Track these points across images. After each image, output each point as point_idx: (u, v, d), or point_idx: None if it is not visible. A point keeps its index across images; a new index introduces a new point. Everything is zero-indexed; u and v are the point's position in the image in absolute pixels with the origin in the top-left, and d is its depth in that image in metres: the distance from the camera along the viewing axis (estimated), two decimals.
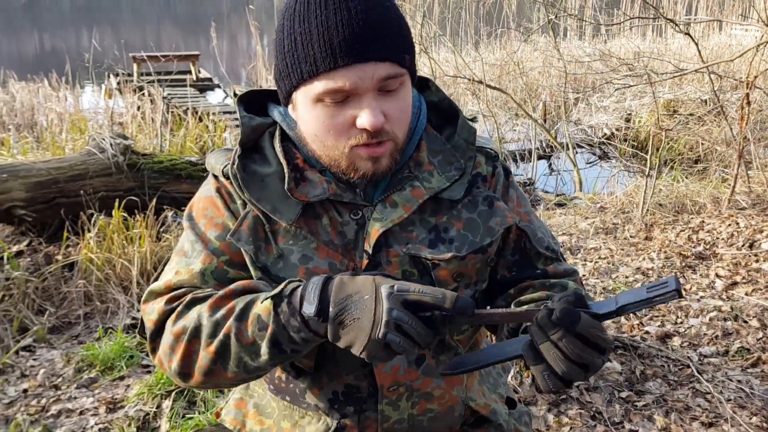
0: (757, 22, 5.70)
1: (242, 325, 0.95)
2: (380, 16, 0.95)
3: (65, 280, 3.54)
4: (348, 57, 0.93)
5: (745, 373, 2.80)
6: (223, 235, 1.08)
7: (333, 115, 0.98)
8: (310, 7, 0.95)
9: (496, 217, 1.13)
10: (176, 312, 1.02)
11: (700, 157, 6.78)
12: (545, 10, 6.98)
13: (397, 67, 0.97)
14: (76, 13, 37.02)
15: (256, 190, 1.06)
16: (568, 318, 0.84)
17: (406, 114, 1.04)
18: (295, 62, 0.97)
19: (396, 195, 1.08)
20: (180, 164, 4.47)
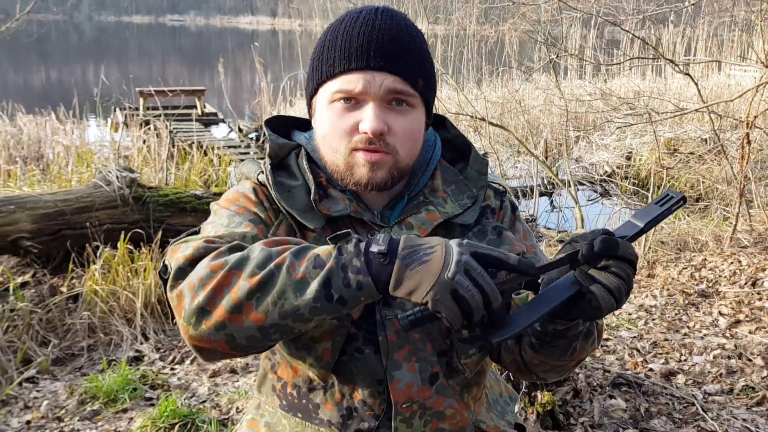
0: (756, 63, 5.79)
1: (297, 260, 0.89)
2: (402, 36, 1.04)
3: (69, 311, 3.54)
4: (361, 61, 1.02)
5: (750, 411, 2.78)
6: (257, 221, 1.07)
7: (341, 117, 1.05)
8: (343, 20, 1.07)
9: (504, 245, 1.17)
10: (217, 251, 0.94)
11: (701, 196, 6.82)
12: (546, 50, 7.11)
13: (407, 85, 1.04)
14: (84, 48, 37.59)
15: (285, 197, 1.11)
16: (609, 246, 0.92)
17: (412, 135, 1.08)
18: (319, 64, 1.08)
19: (412, 218, 1.13)
20: (185, 197, 4.51)
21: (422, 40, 1.09)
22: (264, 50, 20.46)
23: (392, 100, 1.04)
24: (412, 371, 1.11)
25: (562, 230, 6.30)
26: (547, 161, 8.10)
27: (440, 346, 1.14)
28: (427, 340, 1.12)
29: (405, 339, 1.10)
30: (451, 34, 13.97)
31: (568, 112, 7.32)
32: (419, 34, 1.09)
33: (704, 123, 7.88)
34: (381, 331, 1.09)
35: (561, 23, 8.16)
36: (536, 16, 7.74)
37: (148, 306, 3.56)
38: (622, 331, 3.53)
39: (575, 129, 8.64)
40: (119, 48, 38.16)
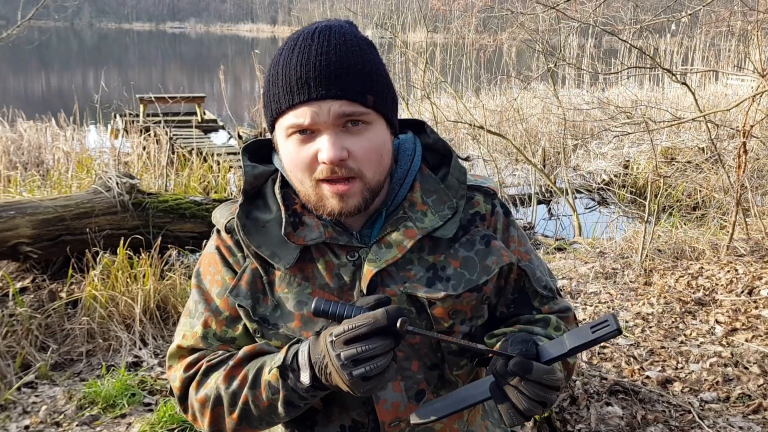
0: (753, 73, 5.83)
1: (256, 392, 1.06)
2: (341, 57, 1.01)
3: (68, 317, 3.55)
4: (303, 94, 1.00)
5: (747, 419, 2.79)
6: (222, 292, 1.16)
7: (299, 150, 1.04)
8: (282, 52, 1.04)
9: (492, 255, 1.16)
10: (195, 381, 1.13)
11: (698, 204, 6.85)
12: (544, 59, 7.15)
13: (356, 105, 1.01)
14: (84, 55, 37.67)
15: (257, 236, 1.11)
16: (522, 370, 0.96)
17: (375, 153, 1.05)
18: (268, 101, 1.06)
19: (390, 236, 1.11)
20: (184, 204, 4.53)
21: (367, 51, 1.05)
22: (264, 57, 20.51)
23: (346, 122, 1.02)
24: (398, 390, 1.12)
25: (559, 238, 6.32)
26: (545, 169, 8.14)
27: (431, 360, 1.15)
28: (414, 358, 1.13)
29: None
30: (449, 43, 14.03)
31: (566, 121, 7.36)
32: (363, 46, 1.05)
33: (701, 132, 7.92)
34: None
35: (559, 32, 8.21)
36: (534, 25, 7.79)
37: (147, 312, 3.57)
38: (619, 339, 3.55)
39: (573, 137, 8.68)
40: (120, 55, 38.23)
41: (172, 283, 3.75)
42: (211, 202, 4.67)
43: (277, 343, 1.11)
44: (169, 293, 3.69)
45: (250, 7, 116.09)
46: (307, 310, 1.09)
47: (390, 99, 1.08)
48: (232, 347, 1.16)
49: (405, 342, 1.11)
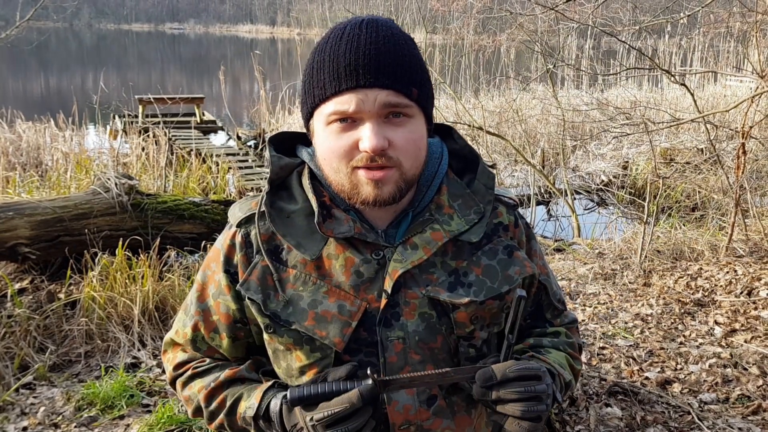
0: (752, 74, 5.84)
1: (233, 418, 1.15)
2: (390, 48, 1.01)
3: (67, 318, 3.54)
4: (351, 81, 1.00)
5: (746, 420, 2.79)
6: (217, 294, 1.18)
7: (340, 137, 1.03)
8: (329, 40, 1.04)
9: (515, 266, 1.16)
10: (181, 381, 1.23)
11: (697, 205, 6.85)
12: (543, 60, 7.16)
13: (401, 96, 1.01)
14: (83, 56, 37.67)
15: (281, 225, 1.11)
16: (484, 378, 1.00)
17: (414, 146, 1.05)
18: (311, 88, 1.05)
19: (416, 237, 1.10)
20: (183, 204, 4.53)
21: (412, 46, 1.06)
22: (263, 58, 20.52)
23: (389, 113, 1.02)
24: (410, 393, 1.12)
25: (558, 239, 6.32)
26: (544, 170, 8.14)
27: (448, 365, 1.14)
28: (430, 362, 1.13)
29: (405, 360, 1.10)
30: (449, 44, 14.04)
31: (565, 122, 7.36)
32: (408, 41, 1.06)
33: (700, 133, 7.93)
34: (383, 353, 1.09)
35: (558, 34, 8.21)
36: (533, 26, 7.79)
37: (145, 313, 3.56)
38: (619, 340, 3.55)
39: (572, 138, 8.68)
40: (119, 56, 38.24)
41: (170, 284, 3.74)
42: (209, 203, 4.67)
43: (288, 341, 1.11)
44: (167, 294, 3.68)
45: (249, 8, 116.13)
46: (322, 309, 1.09)
47: (430, 96, 1.09)
48: (217, 354, 1.22)
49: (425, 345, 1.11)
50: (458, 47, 14.05)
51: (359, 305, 1.09)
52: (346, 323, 1.08)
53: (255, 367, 1.22)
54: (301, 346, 1.11)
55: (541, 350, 1.21)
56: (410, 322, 1.10)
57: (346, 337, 1.08)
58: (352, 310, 1.09)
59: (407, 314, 1.10)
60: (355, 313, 1.08)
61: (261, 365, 1.22)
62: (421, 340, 1.11)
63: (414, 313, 1.10)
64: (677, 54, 13.82)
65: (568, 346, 1.25)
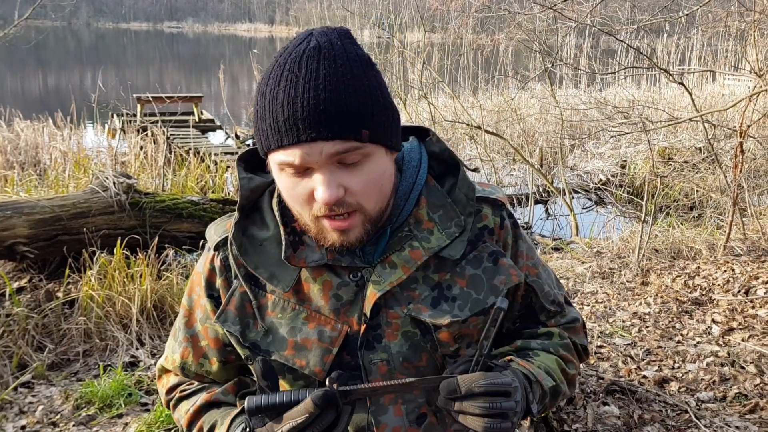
0: (749, 73, 5.85)
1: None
2: (331, 91, 0.91)
3: (65, 317, 3.54)
4: (291, 137, 0.92)
5: (743, 419, 2.80)
6: (204, 319, 1.17)
7: (294, 186, 0.97)
8: (269, 81, 0.95)
9: (500, 275, 1.11)
10: (172, 404, 1.24)
11: (695, 204, 6.86)
12: (542, 59, 7.16)
13: (350, 143, 0.93)
14: (82, 54, 37.62)
15: (254, 255, 1.07)
16: (447, 390, 0.94)
17: (374, 186, 0.99)
18: (257, 133, 0.98)
19: (395, 256, 1.06)
20: (181, 203, 4.53)
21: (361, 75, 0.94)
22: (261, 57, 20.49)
23: (339, 160, 0.94)
24: (399, 414, 1.09)
25: (556, 238, 6.33)
26: (542, 169, 8.15)
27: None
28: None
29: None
30: (447, 42, 14.04)
31: (563, 121, 7.37)
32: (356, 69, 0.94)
33: (698, 132, 7.94)
34: (367, 376, 1.07)
35: (556, 33, 8.22)
36: (532, 25, 7.80)
37: (143, 311, 3.56)
38: (616, 339, 3.56)
39: (570, 137, 8.69)
40: (117, 54, 38.20)
41: (169, 283, 3.75)
42: (208, 202, 4.67)
43: None
44: (166, 293, 3.68)
45: (247, 7, 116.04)
46: (301, 337, 1.06)
47: (389, 123, 0.99)
48: (207, 379, 1.21)
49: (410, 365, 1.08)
50: (456, 46, 14.06)
51: (340, 329, 1.06)
52: (326, 350, 1.06)
53: (236, 389, 1.19)
54: (284, 375, 1.10)
55: (528, 353, 1.15)
56: (393, 343, 1.07)
57: (326, 365, 1.06)
58: (333, 336, 1.06)
59: (389, 335, 1.07)
60: (336, 338, 1.06)
61: (244, 386, 1.21)
62: (405, 359, 1.08)
63: (397, 334, 1.07)
64: (675, 53, 13.83)
65: (562, 347, 1.19)
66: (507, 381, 0.96)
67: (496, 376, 0.95)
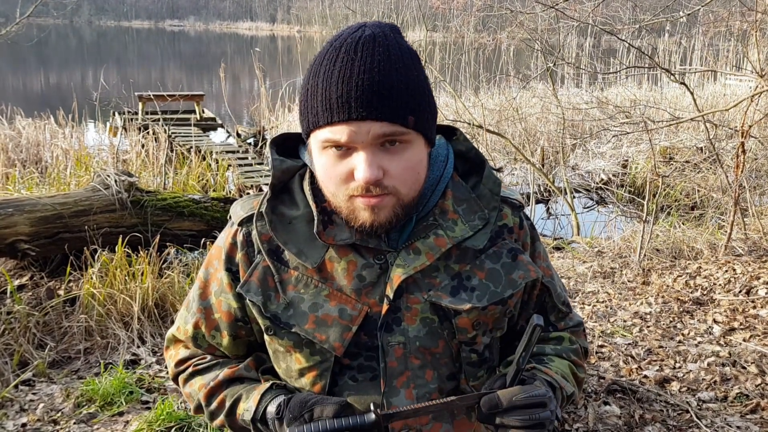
0: (751, 73, 5.84)
1: (233, 418, 1.16)
2: (384, 76, 0.96)
3: (66, 314, 3.55)
4: (342, 114, 0.96)
5: (744, 419, 2.80)
6: (219, 292, 1.18)
7: (335, 165, 1.01)
8: (324, 62, 1.00)
9: (519, 270, 1.15)
10: (183, 378, 1.24)
11: (696, 204, 6.86)
12: (543, 58, 7.16)
13: (396, 126, 0.98)
14: (83, 52, 37.63)
15: (283, 232, 1.10)
16: (489, 404, 1.00)
17: (412, 172, 1.03)
18: (306, 111, 1.02)
19: (420, 242, 1.09)
20: (183, 202, 4.53)
21: (411, 67, 1.01)
22: (263, 56, 20.49)
23: (384, 142, 0.99)
24: (409, 398, 1.11)
25: (557, 237, 6.32)
26: (543, 169, 8.14)
27: (449, 370, 1.15)
28: (429, 368, 1.13)
29: (405, 365, 1.11)
30: (449, 41, 14.04)
31: (564, 120, 7.36)
32: (407, 60, 1.01)
33: (700, 132, 7.93)
34: (383, 358, 1.10)
35: (558, 32, 8.21)
36: (534, 24, 7.79)
37: (145, 310, 3.57)
38: (617, 338, 3.55)
39: (572, 137, 8.68)
40: (119, 52, 38.21)
41: (170, 282, 3.75)
42: (209, 201, 4.67)
43: (288, 343, 1.11)
44: (167, 291, 3.69)
45: (249, 5, 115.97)
46: (322, 312, 1.09)
47: (430, 115, 1.05)
48: (218, 351, 1.22)
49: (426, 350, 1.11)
50: (458, 45, 14.05)
51: (360, 309, 1.09)
52: (346, 327, 1.08)
53: (255, 365, 1.21)
54: (301, 349, 1.11)
55: (543, 359, 1.19)
56: (411, 327, 1.10)
57: (345, 342, 1.08)
58: (353, 315, 1.08)
59: (408, 319, 1.10)
60: (356, 317, 1.08)
61: (261, 362, 1.22)
62: (422, 345, 1.11)
63: (415, 318, 1.10)
64: (677, 53, 13.82)
65: (572, 352, 1.23)
66: (542, 392, 1.02)
67: (533, 389, 1.01)
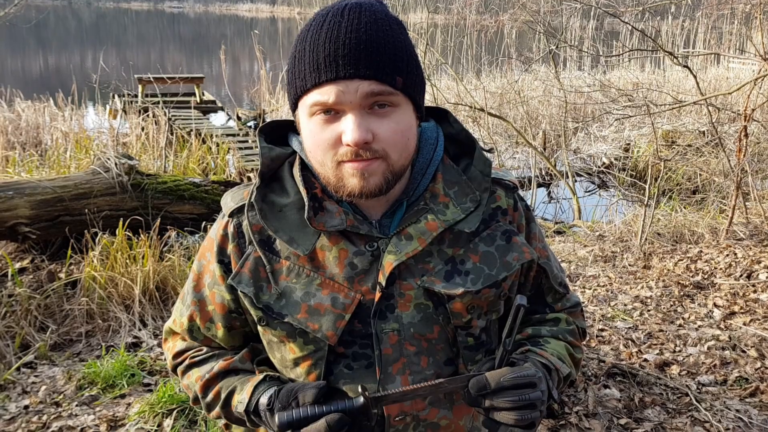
0: (755, 56, 5.79)
1: (228, 409, 1.17)
2: (372, 35, 0.97)
3: (68, 297, 3.55)
4: (330, 72, 0.96)
5: (744, 402, 2.81)
6: (212, 284, 1.17)
7: (322, 130, 1.00)
8: (310, 28, 1.00)
9: (513, 252, 1.14)
10: (180, 369, 1.24)
11: (698, 188, 6.84)
12: (546, 41, 7.11)
13: (384, 86, 0.97)
14: (82, 34, 37.42)
15: (274, 220, 1.09)
16: (478, 386, 0.99)
17: (401, 136, 1.01)
18: (293, 78, 1.02)
19: (411, 227, 1.08)
20: (183, 185, 4.52)
21: (398, 32, 1.01)
22: (263, 38, 20.38)
23: (372, 104, 0.98)
24: (405, 384, 1.10)
25: (559, 221, 6.31)
26: (545, 152, 8.11)
27: (446, 355, 1.14)
28: (425, 354, 1.12)
29: (400, 352, 1.10)
30: (450, 24, 13.93)
31: (566, 104, 7.33)
32: (394, 25, 1.01)
33: (702, 115, 7.89)
34: (378, 345, 1.09)
35: (561, 14, 8.15)
36: (536, 6, 7.72)
37: (146, 293, 3.57)
38: (618, 322, 3.56)
39: (574, 120, 8.65)
40: (118, 34, 37.97)
41: (171, 265, 3.75)
42: (210, 184, 4.66)
43: (282, 333, 1.10)
44: (168, 274, 3.69)
45: None
46: (315, 302, 1.08)
47: (419, 82, 1.04)
48: (214, 343, 1.22)
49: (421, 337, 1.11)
50: (460, 27, 13.95)
51: (353, 297, 1.08)
52: (339, 316, 1.07)
53: (251, 356, 1.21)
54: (294, 339, 1.10)
55: (539, 341, 1.19)
56: (405, 314, 1.09)
57: (339, 331, 1.07)
58: (346, 303, 1.08)
59: (402, 306, 1.09)
60: (349, 305, 1.07)
61: (257, 353, 1.22)
62: (416, 331, 1.10)
63: (409, 305, 1.09)
64: (680, 35, 13.72)
65: (569, 333, 1.23)
66: (531, 373, 1.01)
67: (521, 370, 1.01)
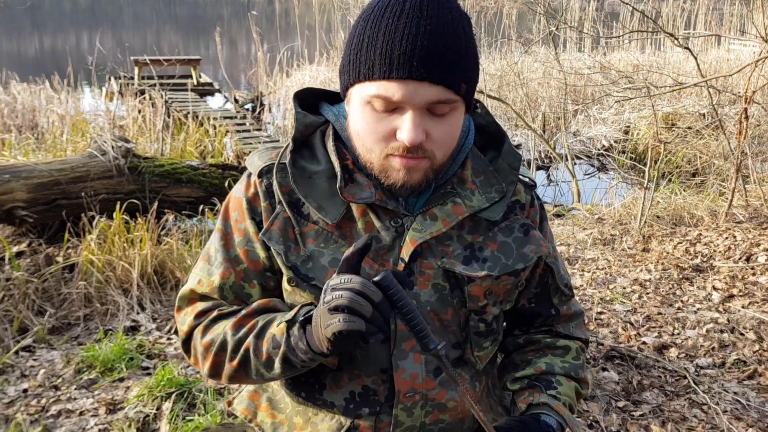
0: (756, 38, 5.75)
1: (260, 342, 1.06)
2: (447, 39, 0.96)
3: (65, 281, 3.54)
4: (403, 71, 0.95)
5: (742, 385, 2.82)
6: (243, 242, 1.14)
7: (378, 121, 1.00)
8: (385, 13, 0.97)
9: (530, 245, 1.16)
10: (203, 325, 1.13)
11: (697, 170, 6.82)
12: (546, 22, 7.04)
13: (450, 93, 0.98)
14: (78, 16, 37.11)
15: (304, 186, 1.10)
16: None
17: (451, 139, 1.04)
18: (357, 61, 1.00)
19: (437, 209, 1.10)
20: (181, 168, 4.50)
21: (469, 33, 1.01)
22: (260, 19, 20.19)
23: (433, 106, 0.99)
24: (418, 362, 1.12)
25: (558, 204, 6.30)
26: (544, 135, 8.08)
27: (456, 338, 1.15)
28: (438, 333, 1.13)
29: None
30: None
31: (566, 86, 7.28)
32: (467, 26, 1.01)
33: (703, 98, 7.85)
34: (394, 320, 1.09)
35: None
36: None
37: (144, 276, 3.56)
38: (616, 305, 3.56)
39: (574, 102, 8.60)
40: (114, 15, 37.64)
41: (169, 248, 3.74)
42: (207, 167, 4.63)
43: (311, 296, 1.10)
44: (166, 258, 3.68)
45: None
46: None
47: (476, 84, 1.05)
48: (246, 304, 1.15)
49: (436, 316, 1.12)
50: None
51: (377, 270, 1.08)
52: None
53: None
54: None
55: (552, 381, 1.20)
56: (423, 292, 1.10)
57: None
58: (371, 274, 1.08)
59: (421, 284, 1.10)
60: (373, 276, 1.06)
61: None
62: (432, 310, 1.11)
63: (428, 284, 1.10)
64: (681, 17, 13.62)
65: (580, 369, 1.24)
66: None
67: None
